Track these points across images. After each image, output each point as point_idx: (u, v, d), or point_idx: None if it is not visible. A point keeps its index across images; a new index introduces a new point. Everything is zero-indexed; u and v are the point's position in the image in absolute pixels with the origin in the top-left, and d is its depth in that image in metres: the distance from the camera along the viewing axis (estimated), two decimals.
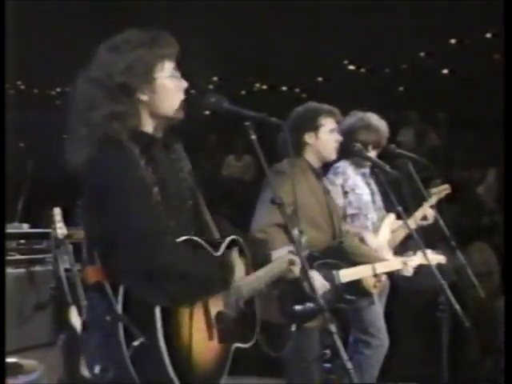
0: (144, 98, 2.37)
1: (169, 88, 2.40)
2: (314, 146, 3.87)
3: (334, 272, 3.62)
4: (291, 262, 2.65)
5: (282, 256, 2.69)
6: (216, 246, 2.46)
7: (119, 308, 2.23)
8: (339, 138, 3.90)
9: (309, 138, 3.86)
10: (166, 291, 2.19)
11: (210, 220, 2.58)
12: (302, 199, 3.53)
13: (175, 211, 2.41)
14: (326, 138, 3.86)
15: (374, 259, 4.04)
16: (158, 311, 2.18)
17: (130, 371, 2.21)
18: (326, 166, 4.17)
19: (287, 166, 3.53)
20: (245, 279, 2.54)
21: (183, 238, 2.33)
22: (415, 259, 3.94)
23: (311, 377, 3.73)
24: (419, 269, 3.99)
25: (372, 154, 4.36)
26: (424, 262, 3.90)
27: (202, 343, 2.30)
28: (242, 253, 2.58)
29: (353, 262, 3.93)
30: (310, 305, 2.62)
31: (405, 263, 3.94)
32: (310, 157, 3.88)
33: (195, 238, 2.38)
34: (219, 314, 2.38)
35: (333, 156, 3.92)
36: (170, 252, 2.24)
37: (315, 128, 3.86)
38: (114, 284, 2.25)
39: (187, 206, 2.50)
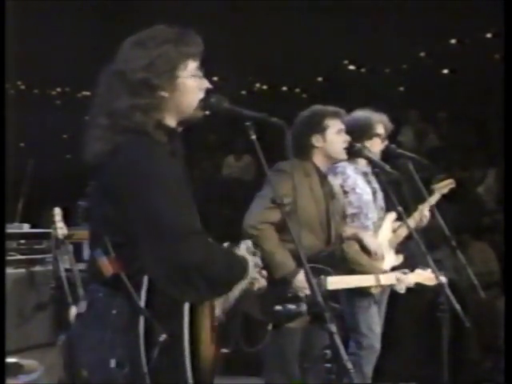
0: (165, 94, 2.36)
1: (190, 87, 2.39)
2: (323, 149, 3.87)
3: (322, 277, 3.59)
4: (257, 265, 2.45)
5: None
6: None
7: (142, 302, 2.18)
8: (347, 138, 3.91)
9: (316, 141, 3.87)
10: (195, 287, 2.16)
11: None
12: (300, 201, 3.53)
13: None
14: (333, 139, 3.87)
15: (371, 269, 4.05)
16: (186, 308, 2.16)
17: (143, 368, 2.18)
18: None
19: (289, 166, 3.51)
20: None
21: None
22: (411, 277, 3.93)
23: (291, 376, 3.73)
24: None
25: (381, 146, 4.39)
26: (421, 280, 3.91)
27: (208, 345, 2.31)
28: None
29: (347, 270, 3.94)
30: (291, 306, 2.60)
31: (399, 279, 3.93)
32: (319, 160, 3.88)
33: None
34: (218, 317, 2.38)
35: (343, 156, 3.92)
36: (203, 249, 2.20)
37: (322, 130, 3.87)
38: (132, 277, 2.20)
39: None
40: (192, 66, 2.40)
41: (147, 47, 2.36)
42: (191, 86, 2.40)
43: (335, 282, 3.63)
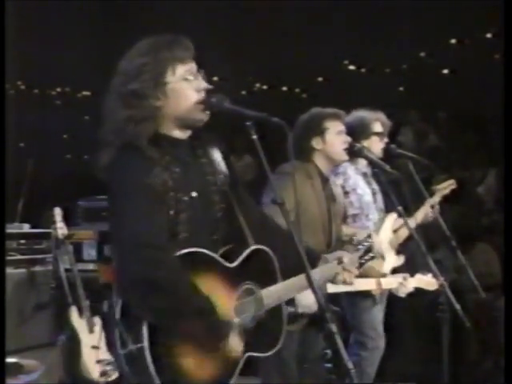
0: (158, 103, 2.39)
1: (182, 91, 2.41)
2: (323, 151, 3.88)
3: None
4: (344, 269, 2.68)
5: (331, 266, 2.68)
6: (233, 257, 2.45)
7: (117, 312, 2.24)
8: (347, 139, 3.91)
9: (316, 143, 3.88)
10: (149, 306, 2.18)
11: (244, 225, 2.56)
12: (303, 202, 3.53)
13: (197, 215, 2.41)
14: (333, 141, 3.87)
15: (371, 270, 4.04)
16: (145, 323, 2.18)
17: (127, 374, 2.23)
18: None
19: (291, 167, 3.51)
20: (268, 288, 2.51)
21: (186, 250, 2.29)
22: (411, 282, 3.93)
23: (289, 377, 3.72)
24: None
25: (381, 145, 4.39)
26: (422, 286, 3.91)
27: (201, 354, 2.28)
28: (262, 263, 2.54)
29: None
30: (290, 309, 2.60)
31: (400, 284, 3.93)
32: (320, 162, 3.88)
33: (203, 250, 2.34)
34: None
35: (344, 157, 3.93)
36: (151, 264, 2.19)
37: (321, 132, 3.88)
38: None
39: (215, 210, 2.50)
40: (182, 69, 2.41)
41: (133, 58, 2.40)
42: (183, 89, 2.41)
43: (335, 286, 3.62)
